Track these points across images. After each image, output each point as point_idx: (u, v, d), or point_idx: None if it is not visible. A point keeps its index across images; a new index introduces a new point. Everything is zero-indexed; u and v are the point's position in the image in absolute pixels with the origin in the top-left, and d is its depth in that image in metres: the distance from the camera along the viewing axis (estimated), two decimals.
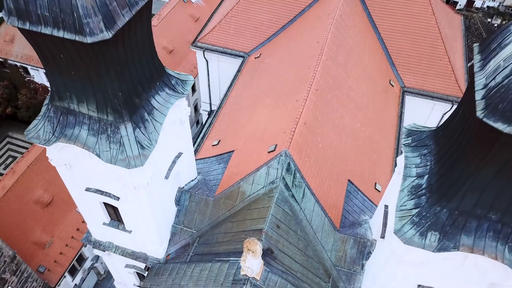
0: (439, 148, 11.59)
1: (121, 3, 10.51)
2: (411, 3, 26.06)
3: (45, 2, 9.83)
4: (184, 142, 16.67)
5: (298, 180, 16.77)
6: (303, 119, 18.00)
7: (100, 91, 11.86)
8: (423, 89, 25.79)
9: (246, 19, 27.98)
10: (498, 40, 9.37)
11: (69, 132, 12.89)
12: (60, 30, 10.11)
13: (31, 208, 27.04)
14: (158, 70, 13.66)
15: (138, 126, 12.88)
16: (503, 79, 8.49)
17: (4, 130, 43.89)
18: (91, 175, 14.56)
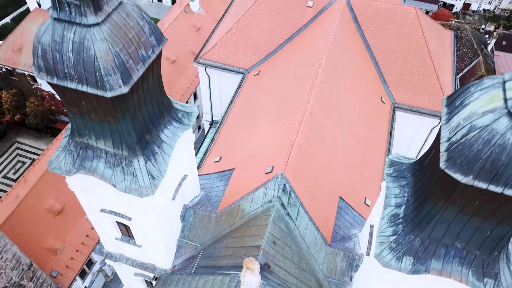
0: (415, 182, 13.19)
1: (135, 59, 12.08)
2: (402, 23, 27.50)
3: (71, 62, 11.40)
4: (189, 165, 18.28)
5: (293, 200, 18.42)
6: (298, 142, 19.59)
7: (116, 131, 13.44)
8: (413, 106, 27.31)
9: (246, 37, 29.42)
10: (461, 98, 10.94)
11: (88, 164, 14.49)
12: (84, 85, 11.69)
13: (43, 217, 28.74)
14: (167, 107, 15.24)
15: (149, 159, 14.49)
16: (462, 137, 10.06)
17: (13, 136, 45.49)
18: (106, 199, 16.19)
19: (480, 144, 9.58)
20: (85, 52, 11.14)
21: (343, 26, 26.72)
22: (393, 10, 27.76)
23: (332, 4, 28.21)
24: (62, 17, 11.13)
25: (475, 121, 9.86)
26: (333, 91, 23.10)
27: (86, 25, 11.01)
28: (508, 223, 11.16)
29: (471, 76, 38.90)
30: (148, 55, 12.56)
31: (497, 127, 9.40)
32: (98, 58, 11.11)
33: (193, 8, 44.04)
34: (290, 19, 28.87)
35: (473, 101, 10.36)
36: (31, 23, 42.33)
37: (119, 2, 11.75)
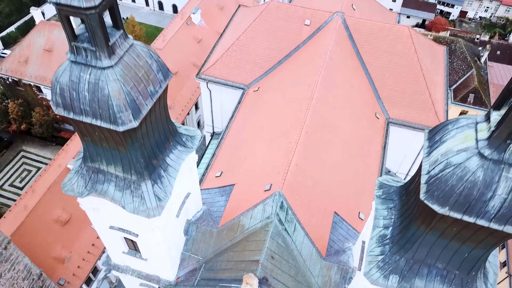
0: (401, 206, 14.34)
1: (145, 95, 13.25)
2: (395, 42, 28.65)
3: (87, 100, 12.57)
4: (192, 183, 19.43)
5: (290, 216, 19.57)
6: (295, 161, 20.74)
7: (126, 158, 14.59)
8: (406, 121, 28.45)
9: (245, 54, 30.57)
10: (440, 134, 12.11)
11: (99, 187, 15.65)
12: (98, 120, 12.86)
13: (51, 227, 29.91)
14: (172, 132, 16.40)
15: (156, 182, 15.65)
16: (439, 172, 11.21)
17: (19, 145, 46.68)
18: (115, 217, 17.34)
19: (455, 180, 10.73)
20: (100, 92, 12.30)
21: (339, 45, 27.87)
22: (387, 29, 28.89)
23: (328, 23, 29.35)
24: (79, 60, 12.30)
25: (451, 158, 11.01)
26: (328, 110, 24.26)
27: (101, 68, 12.16)
28: (483, 247, 12.30)
29: (465, 88, 40.05)
30: (156, 90, 13.73)
31: (469, 166, 10.55)
32: (112, 97, 12.28)
33: (195, 20, 45.20)
34: (288, 37, 30.01)
35: (449, 138, 11.52)
36: (37, 35, 43.51)
37: (130, 44, 12.92)
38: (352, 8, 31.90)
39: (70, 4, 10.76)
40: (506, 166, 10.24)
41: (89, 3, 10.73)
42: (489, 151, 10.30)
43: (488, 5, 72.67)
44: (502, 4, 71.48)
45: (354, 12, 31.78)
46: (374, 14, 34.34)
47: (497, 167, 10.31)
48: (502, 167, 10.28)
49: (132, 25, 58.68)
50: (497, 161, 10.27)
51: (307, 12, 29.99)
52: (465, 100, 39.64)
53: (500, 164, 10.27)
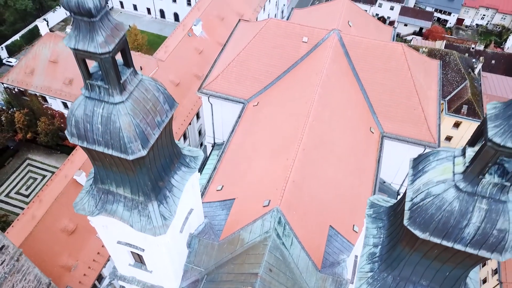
0: (389, 226, 15.48)
1: (152, 126, 14.41)
2: (389, 59, 29.79)
3: (99, 132, 13.72)
4: (194, 199, 20.58)
5: (287, 231, 20.72)
6: (292, 177, 21.90)
7: (134, 181, 15.74)
8: (399, 135, 29.58)
9: (245, 70, 31.72)
10: (423, 164, 13.24)
11: (108, 207, 16.80)
12: (110, 149, 14.00)
13: (58, 236, 31.06)
14: (177, 155, 17.54)
15: (162, 202, 16.80)
16: (421, 200, 12.35)
17: (24, 153, 47.84)
18: (123, 234, 18.48)
19: (434, 209, 11.88)
20: (112, 125, 13.46)
21: (335, 62, 29.01)
22: (382, 47, 30.03)
23: (325, 40, 30.49)
24: (93, 96, 13.46)
25: (431, 189, 12.15)
26: (324, 126, 25.41)
27: (113, 103, 13.31)
28: (462, 267, 13.45)
29: (458, 99, 41.18)
30: (163, 120, 14.89)
31: (446, 197, 11.70)
32: (123, 129, 13.44)
33: (196, 31, 46.34)
34: (286, 54, 31.16)
35: (430, 169, 12.67)
36: (42, 47, 44.67)
37: (139, 80, 14.08)
38: (348, 25, 33.03)
39: (87, 50, 11.91)
40: (479, 198, 11.39)
41: (104, 49, 11.89)
42: (464, 184, 11.45)
43: (485, 13, 73.79)
44: (498, 12, 72.62)
45: (350, 29, 32.91)
46: (370, 29, 35.47)
47: (471, 198, 11.46)
48: (476, 198, 11.43)
49: (134, 34, 59.79)
50: (471, 193, 11.41)
51: (304, 29, 31.13)
52: (459, 111, 40.82)
53: (474, 196, 11.42)
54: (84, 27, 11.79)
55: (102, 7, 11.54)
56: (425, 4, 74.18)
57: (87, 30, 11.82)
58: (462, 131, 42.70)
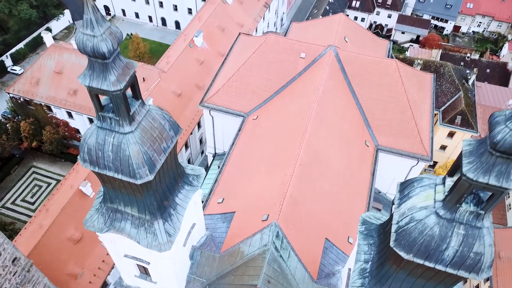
0: (379, 244, 16.62)
1: (158, 152, 15.54)
2: (384, 74, 30.94)
3: (110, 159, 14.87)
4: (197, 215, 21.72)
5: (285, 244, 21.87)
6: (290, 192, 23.04)
7: (141, 201, 16.87)
8: (393, 148, 30.72)
9: (245, 84, 32.87)
10: (408, 189, 14.39)
11: (117, 225, 17.94)
12: (119, 174, 15.13)
13: (65, 245, 32.21)
14: (180, 175, 18.68)
15: (166, 220, 17.93)
16: (406, 224, 13.50)
17: (29, 161, 49.01)
18: (129, 248, 19.62)
19: (417, 233, 13.03)
20: (122, 153, 14.60)
21: (331, 78, 30.15)
22: (376, 63, 31.19)
23: (322, 56, 31.65)
24: (104, 126, 14.60)
25: (414, 214, 13.31)
26: (321, 142, 26.55)
27: (123, 133, 14.46)
28: (445, 284, 14.59)
29: (453, 110, 42.31)
30: (168, 145, 16.02)
31: (428, 222, 12.86)
32: (132, 157, 14.58)
33: (197, 42, 47.49)
34: (285, 69, 32.30)
35: (414, 195, 13.82)
36: (47, 58, 45.83)
37: (147, 110, 15.23)
38: (344, 41, 34.18)
39: (100, 88, 13.07)
40: (457, 224, 12.55)
41: (116, 87, 13.04)
42: (443, 211, 12.61)
43: (481, 21, 74.95)
44: (494, 20, 73.80)
45: (347, 44, 34.06)
46: (366, 44, 36.60)
47: (450, 224, 12.62)
48: (454, 224, 12.58)
49: (136, 43, 60.99)
50: (450, 219, 12.57)
51: (302, 45, 32.28)
52: (453, 122, 41.94)
53: (452, 222, 12.58)
54: (98, 68, 12.94)
55: (114, 50, 12.66)
56: (422, 12, 75.37)
57: (100, 70, 12.97)
58: (456, 141, 43.87)
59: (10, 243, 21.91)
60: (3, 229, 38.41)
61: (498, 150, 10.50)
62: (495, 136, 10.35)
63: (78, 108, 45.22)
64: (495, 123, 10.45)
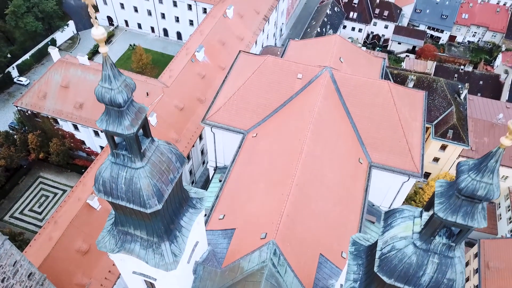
0: (367, 265, 18.24)
1: (166, 183, 17.18)
2: (377, 95, 32.56)
3: (123, 190, 16.50)
4: (200, 233, 23.35)
5: (282, 261, 23.49)
6: (287, 212, 24.68)
7: (150, 225, 18.51)
8: (386, 165, 32.33)
9: (245, 103, 34.49)
10: (392, 219, 16.00)
11: (127, 246, 19.57)
12: (131, 204, 16.77)
13: (73, 256, 33.84)
14: (185, 199, 20.32)
15: (172, 242, 19.56)
16: (388, 251, 15.12)
17: (36, 171, 50.66)
18: (138, 266, 21.25)
19: (397, 260, 14.65)
20: (133, 185, 16.24)
21: (326, 99, 31.78)
22: (370, 84, 32.82)
23: (318, 77, 33.29)
24: (118, 162, 16.23)
25: (395, 243, 14.93)
26: (316, 162, 28.20)
27: (135, 168, 16.10)
28: None
29: (445, 124, 43.92)
30: (175, 176, 17.65)
31: (406, 251, 14.48)
32: (142, 189, 16.22)
33: (199, 57, 49.11)
34: (282, 89, 33.93)
35: (396, 225, 15.45)
36: (54, 73, 47.48)
37: (156, 146, 16.87)
38: (340, 61, 35.80)
39: (115, 131, 14.71)
40: (432, 253, 14.17)
41: (129, 131, 14.68)
42: (420, 242, 14.23)
43: (476, 31, 76.61)
44: (488, 30, 75.45)
45: (342, 65, 35.68)
46: (360, 63, 38.23)
47: (426, 254, 14.24)
48: (429, 254, 14.21)
49: (139, 54, 62.64)
50: (425, 250, 14.19)
51: (299, 67, 33.93)
52: (445, 136, 43.53)
53: (428, 252, 14.20)
54: (114, 114, 14.58)
55: (129, 99, 14.29)
56: (418, 22, 77.04)
57: (116, 116, 14.61)
58: (448, 153, 45.49)
59: (26, 259, 23.52)
60: (13, 239, 39.97)
61: (463, 195, 12.13)
62: (460, 183, 11.99)
63: (83, 121, 46.86)
64: (460, 172, 12.07)
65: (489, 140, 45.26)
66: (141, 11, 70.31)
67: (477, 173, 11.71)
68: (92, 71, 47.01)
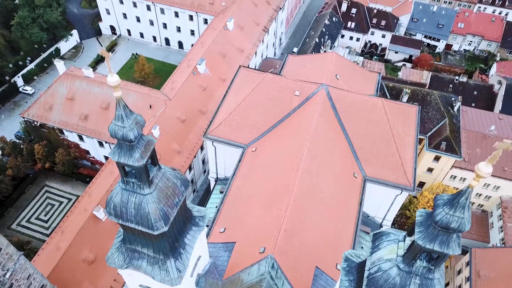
0: (357, 281, 19.69)
1: (171, 206, 18.64)
2: (371, 112, 34.01)
3: (132, 214, 17.97)
4: (202, 248, 24.80)
5: (279, 274, 24.94)
6: (284, 227, 26.12)
7: (156, 244, 19.98)
8: (380, 179, 33.79)
9: (245, 118, 35.96)
10: (379, 241, 17.46)
11: (135, 262, 21.04)
12: (140, 226, 18.23)
13: (80, 266, 35.30)
14: (189, 218, 21.78)
15: (177, 258, 21.03)
16: (375, 272, 16.58)
17: (42, 180, 52.14)
18: (144, 280, 22.71)
19: (382, 281, 16.10)
20: (142, 210, 17.70)
21: (323, 116, 33.24)
22: (364, 101, 34.29)
23: (315, 94, 34.76)
24: (128, 189, 17.69)
25: (381, 265, 16.39)
26: (312, 177, 29.65)
27: (143, 194, 17.56)
28: None
29: (438, 136, 45.37)
30: (180, 199, 19.12)
31: (391, 273, 15.93)
32: (150, 213, 17.68)
33: (200, 70, 50.59)
34: (281, 105, 35.40)
35: (382, 248, 16.91)
36: (60, 85, 48.98)
37: (162, 173, 18.33)
38: (336, 78, 37.27)
39: (126, 163, 16.18)
40: (414, 275, 15.62)
41: (139, 163, 16.15)
42: (403, 265, 15.68)
43: (472, 39, 78.07)
44: (484, 39, 76.92)
45: (338, 82, 37.14)
46: (356, 79, 39.68)
47: (409, 275, 15.68)
48: (412, 276, 15.65)
49: (142, 64, 64.17)
50: (408, 272, 15.64)
51: (297, 84, 35.41)
52: (439, 147, 44.97)
53: (410, 274, 15.64)
54: (125, 147, 16.05)
55: (139, 135, 15.77)
56: (415, 31, 78.50)
57: (127, 149, 16.08)
58: (442, 164, 46.91)
59: (39, 272, 24.99)
60: (21, 248, 41.50)
61: (438, 226, 13.59)
62: (435, 216, 13.46)
63: (88, 132, 48.35)
64: (436, 206, 13.55)
65: (482, 151, 46.68)
66: (143, 21, 71.83)
67: (450, 208, 13.18)
68: (96, 83, 48.50)
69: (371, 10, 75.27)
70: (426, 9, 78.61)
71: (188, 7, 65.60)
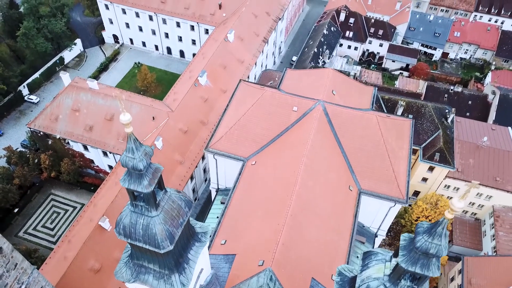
0: None
1: (176, 226, 20.10)
2: (366, 127, 35.49)
3: (140, 234, 19.43)
4: (204, 262, 26.25)
5: (277, 286, 26.38)
6: (282, 241, 27.60)
7: (162, 261, 21.44)
8: (374, 191, 35.25)
9: (245, 132, 37.43)
10: (369, 259, 18.92)
11: (141, 277, 22.50)
12: (147, 245, 19.69)
13: (86, 275, 36.73)
14: (192, 235, 23.24)
15: (181, 273, 22.49)
16: None
17: (48, 189, 53.62)
18: None
19: None
20: (149, 231, 19.16)
21: (319, 131, 34.71)
22: (359, 116, 35.77)
23: (312, 109, 36.24)
24: (136, 211, 19.16)
25: (370, 283, 17.85)
26: (309, 192, 31.12)
27: (151, 216, 19.03)
28: None
29: (432, 147, 46.82)
30: (184, 219, 20.58)
31: None
32: (157, 234, 19.15)
33: (201, 81, 52.05)
34: (279, 120, 36.89)
35: (371, 266, 18.38)
36: (66, 97, 50.47)
37: (168, 196, 19.80)
38: (332, 94, 38.72)
39: (136, 189, 17.65)
40: None
41: (147, 189, 17.61)
42: (389, 284, 17.15)
43: (468, 48, 79.55)
44: (480, 48, 78.38)
45: (334, 97, 38.58)
46: (352, 93, 41.11)
47: None
48: None
49: (144, 74, 65.68)
50: None
51: (295, 100, 36.90)
52: (432, 158, 46.40)
53: None
54: (135, 175, 17.52)
55: (148, 165, 17.23)
56: (412, 39, 79.97)
57: (136, 177, 17.55)
58: (436, 174, 48.34)
59: (50, 284, 26.40)
60: (28, 256, 42.97)
61: (419, 251, 15.06)
62: (416, 243, 14.93)
63: (93, 143, 49.81)
64: (417, 233, 15.03)
65: (474, 161, 48.11)
66: (145, 31, 73.32)
67: (429, 236, 14.64)
68: (101, 95, 49.97)
69: (368, 19, 76.74)
70: (423, 18, 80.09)
71: (190, 18, 67.10)
